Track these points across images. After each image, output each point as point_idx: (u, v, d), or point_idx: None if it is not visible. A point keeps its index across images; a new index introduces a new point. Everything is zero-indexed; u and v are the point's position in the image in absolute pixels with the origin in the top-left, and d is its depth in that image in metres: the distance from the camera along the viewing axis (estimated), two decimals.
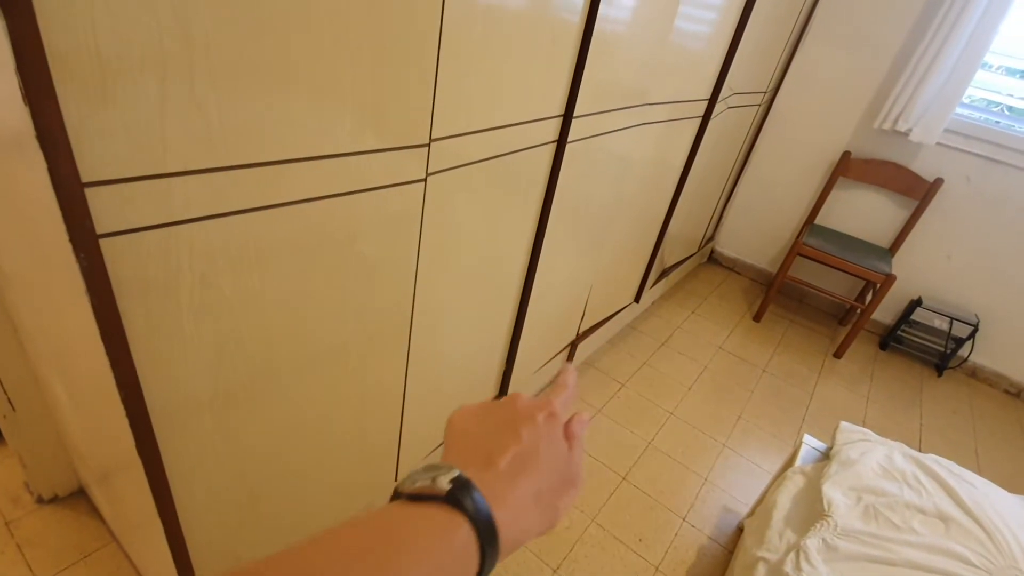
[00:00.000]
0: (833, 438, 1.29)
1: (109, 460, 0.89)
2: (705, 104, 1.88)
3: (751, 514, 1.40)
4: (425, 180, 0.87)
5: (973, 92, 2.31)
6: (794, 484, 1.22)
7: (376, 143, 0.76)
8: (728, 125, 2.24)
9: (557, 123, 1.16)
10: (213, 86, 0.55)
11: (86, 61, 0.46)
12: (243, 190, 0.63)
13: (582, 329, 1.92)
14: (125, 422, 0.64)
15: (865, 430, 1.29)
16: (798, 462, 1.32)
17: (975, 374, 2.59)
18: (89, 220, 0.51)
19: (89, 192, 0.50)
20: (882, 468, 1.13)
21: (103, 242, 0.53)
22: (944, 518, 1.03)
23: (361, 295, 0.88)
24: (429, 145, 0.84)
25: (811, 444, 1.37)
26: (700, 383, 2.14)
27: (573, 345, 1.89)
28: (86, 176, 0.49)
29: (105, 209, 0.52)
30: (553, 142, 1.18)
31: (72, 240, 0.51)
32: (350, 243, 0.80)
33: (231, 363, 0.73)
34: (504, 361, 1.53)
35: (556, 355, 1.82)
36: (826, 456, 1.31)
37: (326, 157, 0.70)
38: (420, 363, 1.12)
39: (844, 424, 1.31)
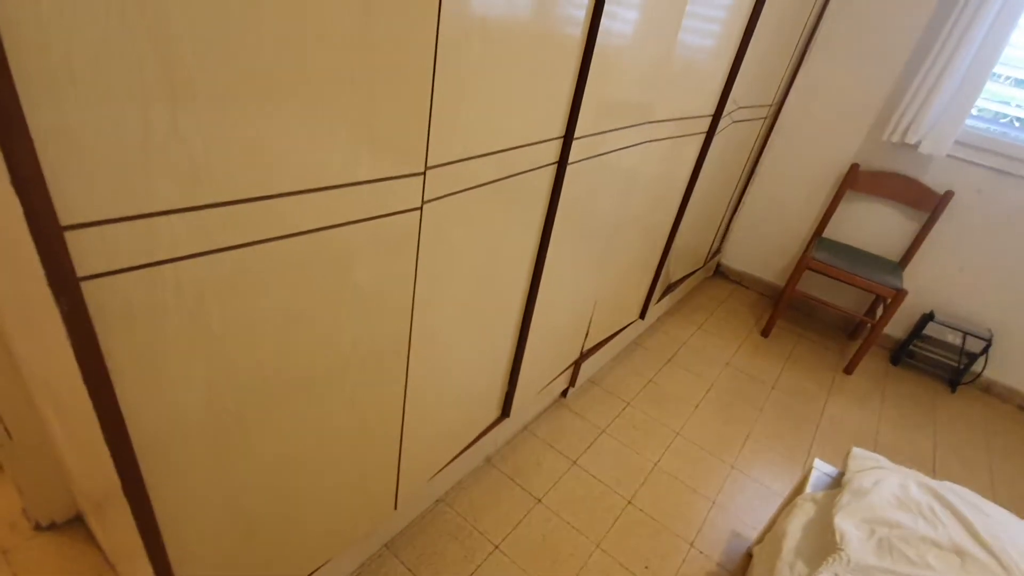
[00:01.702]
0: (845, 464, 1.25)
1: (99, 493, 0.87)
2: (709, 120, 1.86)
3: (760, 540, 1.36)
4: (421, 208, 0.85)
5: (982, 103, 2.28)
6: (804, 513, 1.19)
7: (370, 174, 0.74)
8: (733, 139, 2.21)
9: (557, 145, 1.14)
10: (197, 120, 0.54)
11: (63, 97, 0.45)
12: (232, 226, 0.62)
13: (586, 347, 1.89)
14: (110, 462, 0.63)
15: (878, 456, 1.25)
16: (808, 488, 1.28)
17: (989, 389, 2.54)
18: (69, 262, 0.50)
19: (69, 235, 0.49)
20: (896, 499, 1.09)
21: (84, 284, 0.52)
22: (960, 552, 0.99)
23: (356, 324, 0.86)
24: (425, 173, 0.82)
25: (822, 469, 1.33)
26: (707, 401, 2.10)
27: (577, 364, 1.86)
28: (65, 219, 0.48)
29: (86, 251, 0.51)
30: (553, 164, 1.16)
31: (51, 283, 0.49)
32: (344, 273, 0.79)
33: (222, 397, 0.72)
34: (507, 382, 1.50)
35: (560, 374, 1.79)
36: (837, 483, 1.27)
37: (317, 190, 0.68)
38: (419, 389, 1.10)
39: (856, 450, 1.27)
